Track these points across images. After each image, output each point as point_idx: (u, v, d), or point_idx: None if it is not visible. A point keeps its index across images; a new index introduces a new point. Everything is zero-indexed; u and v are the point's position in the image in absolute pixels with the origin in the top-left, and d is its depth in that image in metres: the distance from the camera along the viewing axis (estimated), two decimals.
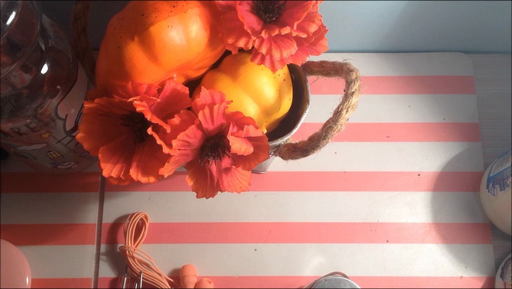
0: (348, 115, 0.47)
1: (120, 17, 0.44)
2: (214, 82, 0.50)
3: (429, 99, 0.69)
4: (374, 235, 0.63)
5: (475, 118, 0.68)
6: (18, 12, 0.41)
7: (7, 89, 0.45)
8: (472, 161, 0.66)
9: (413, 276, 0.62)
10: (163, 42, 0.42)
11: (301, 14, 0.44)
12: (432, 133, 0.68)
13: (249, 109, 0.49)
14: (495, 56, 0.71)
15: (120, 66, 0.43)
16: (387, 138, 0.67)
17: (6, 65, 0.42)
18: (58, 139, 0.55)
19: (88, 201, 0.64)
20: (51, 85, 0.48)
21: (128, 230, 0.61)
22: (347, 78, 0.48)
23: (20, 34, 0.42)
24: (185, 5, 0.44)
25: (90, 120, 0.46)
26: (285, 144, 0.53)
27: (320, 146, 0.48)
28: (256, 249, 0.61)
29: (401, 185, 0.65)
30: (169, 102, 0.46)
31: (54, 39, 0.48)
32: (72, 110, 0.53)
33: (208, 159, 0.46)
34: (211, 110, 0.43)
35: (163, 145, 0.43)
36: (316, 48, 0.48)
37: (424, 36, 0.69)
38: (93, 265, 0.61)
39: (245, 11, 0.44)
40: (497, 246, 0.63)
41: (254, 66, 0.49)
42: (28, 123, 0.49)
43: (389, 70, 0.70)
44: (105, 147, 0.46)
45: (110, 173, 0.46)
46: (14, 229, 0.62)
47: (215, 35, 0.45)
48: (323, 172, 0.66)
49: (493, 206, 0.61)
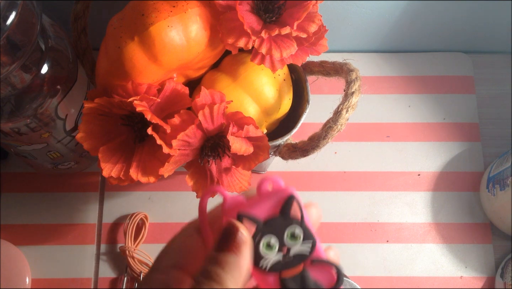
0: (348, 115, 0.47)
1: (120, 17, 0.44)
2: (214, 82, 0.50)
3: (429, 99, 0.69)
4: (374, 235, 0.63)
5: (475, 118, 0.68)
6: (18, 12, 0.41)
7: (7, 89, 0.45)
8: (472, 161, 0.66)
9: (413, 276, 0.62)
10: (163, 42, 0.42)
11: (301, 14, 0.44)
12: (432, 133, 0.68)
13: (249, 109, 0.49)
14: (495, 56, 0.71)
15: (120, 66, 0.43)
16: (387, 138, 0.67)
17: (6, 65, 0.42)
18: (58, 139, 0.55)
19: (88, 201, 0.64)
20: (51, 85, 0.48)
21: (128, 230, 0.61)
22: (347, 78, 0.48)
23: (20, 34, 0.42)
24: (185, 5, 0.44)
25: (90, 120, 0.46)
26: (285, 144, 0.53)
27: (320, 145, 0.48)
28: None
29: (401, 185, 0.65)
30: (169, 102, 0.46)
31: (54, 39, 0.48)
32: (72, 110, 0.53)
33: (208, 159, 0.46)
34: (211, 110, 0.43)
35: (163, 145, 0.43)
36: (316, 48, 0.48)
37: (424, 36, 0.69)
38: (93, 265, 0.61)
39: (245, 11, 0.44)
40: (497, 246, 0.63)
41: (254, 66, 0.49)
42: (28, 123, 0.49)
43: (389, 70, 0.70)
44: (105, 147, 0.46)
45: (110, 173, 0.46)
46: (14, 229, 0.62)
47: (215, 35, 0.45)
48: (323, 172, 0.66)
49: (493, 206, 0.61)
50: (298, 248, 0.28)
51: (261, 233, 0.28)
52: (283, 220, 0.28)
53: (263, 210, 0.28)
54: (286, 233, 0.28)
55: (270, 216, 0.28)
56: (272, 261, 0.28)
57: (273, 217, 0.28)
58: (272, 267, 0.28)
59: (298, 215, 0.29)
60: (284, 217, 0.28)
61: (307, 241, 0.28)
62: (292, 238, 0.28)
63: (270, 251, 0.28)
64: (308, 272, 0.28)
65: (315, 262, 0.28)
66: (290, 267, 0.28)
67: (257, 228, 0.28)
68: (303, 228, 0.28)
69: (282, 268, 0.28)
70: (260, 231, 0.28)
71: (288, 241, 0.28)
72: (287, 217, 0.28)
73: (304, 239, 0.28)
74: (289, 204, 0.28)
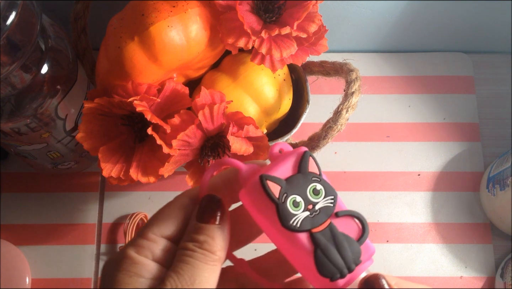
0: (348, 115, 0.47)
1: (120, 17, 0.44)
2: (214, 82, 0.50)
3: (429, 99, 0.69)
4: (374, 235, 0.63)
5: (475, 118, 0.68)
6: (18, 12, 0.41)
7: (7, 89, 0.45)
8: (472, 161, 0.66)
9: (413, 276, 0.62)
10: (163, 42, 0.42)
11: (301, 14, 0.44)
12: (432, 133, 0.67)
13: (249, 109, 0.49)
14: (495, 56, 0.71)
15: (120, 66, 0.43)
16: (387, 138, 0.67)
17: (6, 65, 0.42)
18: (58, 139, 0.55)
19: (88, 201, 0.64)
20: (51, 85, 0.48)
21: (128, 230, 0.61)
22: (347, 78, 0.48)
23: (20, 34, 0.42)
24: (185, 5, 0.44)
25: (90, 120, 0.46)
26: None
27: (320, 145, 0.48)
28: (256, 249, 0.61)
29: (401, 185, 0.65)
30: (169, 102, 0.46)
31: (54, 39, 0.48)
32: (72, 110, 0.53)
33: (208, 159, 0.46)
34: (211, 110, 0.43)
35: (163, 145, 0.43)
36: (316, 48, 0.48)
37: (424, 36, 0.69)
38: (93, 265, 0.61)
39: (245, 11, 0.44)
40: (497, 246, 0.63)
41: (254, 66, 0.49)
42: (28, 123, 0.49)
43: (389, 70, 0.70)
44: (105, 147, 0.46)
45: (110, 173, 0.46)
46: (14, 229, 0.62)
47: (215, 35, 0.45)
48: (323, 172, 0.66)
49: (493, 206, 0.61)
50: (322, 203, 0.29)
51: (286, 193, 0.28)
52: (302, 178, 0.29)
53: (282, 171, 0.29)
54: (308, 189, 0.29)
55: (289, 176, 0.29)
56: (301, 218, 0.28)
57: (292, 176, 0.29)
58: (302, 225, 0.28)
59: (315, 170, 0.29)
60: (303, 174, 0.29)
61: (329, 195, 0.29)
62: (315, 194, 0.29)
63: (297, 209, 0.28)
64: (335, 225, 0.28)
65: (340, 215, 0.29)
66: (319, 223, 0.28)
67: (281, 188, 0.28)
68: (323, 183, 0.29)
69: (311, 224, 0.28)
70: (285, 191, 0.28)
71: (311, 197, 0.29)
72: (306, 174, 0.29)
73: (326, 193, 0.29)
74: (306, 160, 0.29)
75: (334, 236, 0.28)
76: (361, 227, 0.29)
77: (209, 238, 0.28)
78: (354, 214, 0.29)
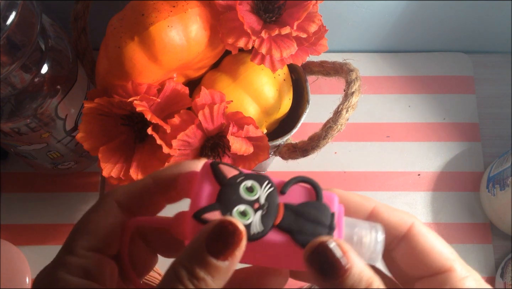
0: (348, 115, 0.47)
1: (120, 17, 0.44)
2: (214, 82, 0.50)
3: (429, 99, 0.69)
4: None
5: (475, 118, 0.68)
6: (18, 12, 0.41)
7: (7, 89, 0.45)
8: (472, 161, 0.66)
9: None
10: (163, 42, 0.42)
11: (301, 14, 0.44)
12: (432, 133, 0.67)
13: (249, 109, 0.49)
14: (495, 56, 0.71)
15: (120, 66, 0.43)
16: (387, 138, 0.67)
17: (6, 65, 0.42)
18: (58, 139, 0.55)
19: (88, 201, 0.64)
20: (51, 85, 0.48)
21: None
22: (347, 78, 0.48)
23: (20, 34, 0.42)
24: (185, 5, 0.44)
25: (90, 120, 0.46)
26: (285, 144, 0.53)
27: (320, 145, 0.48)
28: None
29: (401, 185, 0.65)
30: (169, 102, 0.46)
31: (54, 39, 0.48)
32: (72, 110, 0.53)
33: (208, 159, 0.46)
34: (211, 110, 0.43)
35: (163, 145, 0.43)
36: (316, 48, 0.48)
37: (424, 36, 0.69)
38: None
39: (245, 11, 0.44)
40: (497, 246, 0.63)
41: (254, 66, 0.49)
42: (28, 123, 0.49)
43: (389, 70, 0.70)
44: (105, 147, 0.46)
45: (110, 173, 0.46)
46: (14, 229, 0.62)
47: (215, 35, 0.45)
48: (323, 172, 0.66)
49: (493, 206, 0.61)
50: (264, 194, 0.27)
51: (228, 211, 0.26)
52: (228, 187, 0.26)
53: (205, 196, 0.26)
54: (242, 193, 0.26)
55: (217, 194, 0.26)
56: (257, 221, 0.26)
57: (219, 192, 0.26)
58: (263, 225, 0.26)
59: (232, 172, 0.27)
60: (227, 184, 0.26)
61: (263, 182, 0.27)
62: (250, 191, 0.27)
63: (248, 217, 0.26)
64: (289, 202, 0.27)
65: (285, 191, 0.27)
66: (275, 213, 0.26)
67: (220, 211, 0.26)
68: (249, 177, 0.27)
69: (270, 219, 0.26)
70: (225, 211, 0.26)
71: (250, 196, 0.26)
72: (228, 181, 0.27)
73: (259, 183, 0.27)
74: (218, 170, 0.27)
75: (296, 212, 0.26)
76: (310, 186, 0.27)
77: (209, 277, 0.24)
78: (295, 180, 0.27)
